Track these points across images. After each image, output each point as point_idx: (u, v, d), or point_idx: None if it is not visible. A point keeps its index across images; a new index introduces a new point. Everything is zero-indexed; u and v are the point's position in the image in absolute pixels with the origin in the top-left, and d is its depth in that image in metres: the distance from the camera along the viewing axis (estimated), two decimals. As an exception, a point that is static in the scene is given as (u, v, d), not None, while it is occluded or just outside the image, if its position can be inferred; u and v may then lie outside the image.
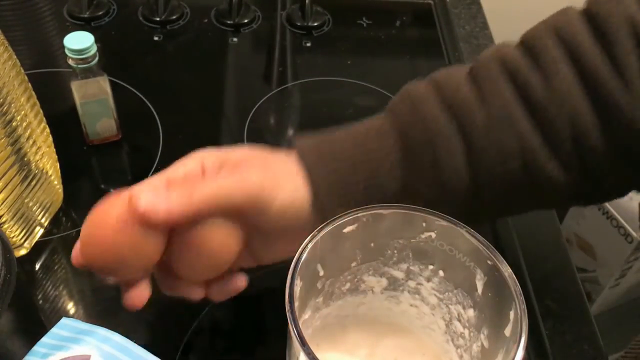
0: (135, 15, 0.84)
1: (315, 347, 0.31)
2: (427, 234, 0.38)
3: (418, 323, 0.43)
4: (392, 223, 0.38)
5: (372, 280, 0.42)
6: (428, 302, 0.42)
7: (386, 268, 0.41)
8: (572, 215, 1.33)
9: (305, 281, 0.36)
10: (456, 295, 0.40)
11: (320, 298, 0.41)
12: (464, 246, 0.37)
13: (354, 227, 0.37)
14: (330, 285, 0.41)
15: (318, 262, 0.38)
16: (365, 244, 0.40)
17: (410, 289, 0.42)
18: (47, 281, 0.55)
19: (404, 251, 0.40)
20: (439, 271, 0.40)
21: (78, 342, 0.44)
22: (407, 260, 0.40)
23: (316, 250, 0.36)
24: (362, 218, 0.37)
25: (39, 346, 0.45)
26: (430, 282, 0.41)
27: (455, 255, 0.38)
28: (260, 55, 0.83)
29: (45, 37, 0.82)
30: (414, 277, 0.41)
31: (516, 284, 0.33)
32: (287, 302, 0.32)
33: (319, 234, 0.36)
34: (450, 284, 0.40)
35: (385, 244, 0.40)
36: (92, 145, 0.66)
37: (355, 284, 0.42)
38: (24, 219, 0.54)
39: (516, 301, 0.32)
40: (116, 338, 0.45)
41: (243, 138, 0.69)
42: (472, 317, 0.39)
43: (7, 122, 0.48)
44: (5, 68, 0.47)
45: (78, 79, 0.60)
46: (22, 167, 0.51)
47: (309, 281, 0.37)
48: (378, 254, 0.41)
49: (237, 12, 0.84)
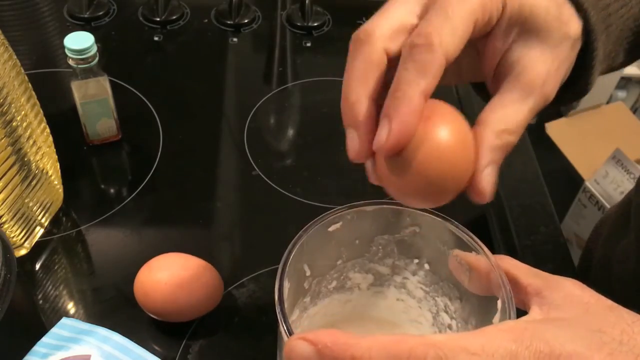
0: (135, 15, 0.84)
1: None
2: (411, 228, 0.38)
3: (405, 317, 0.43)
4: (376, 219, 0.39)
5: (358, 277, 0.42)
6: (414, 296, 0.42)
7: (372, 264, 0.42)
8: (572, 215, 1.33)
9: (292, 282, 0.36)
10: (442, 288, 0.40)
11: (307, 298, 0.41)
12: (449, 239, 0.37)
13: (339, 226, 0.38)
14: (317, 285, 0.41)
15: (305, 262, 0.38)
16: (350, 242, 0.40)
17: (397, 283, 0.42)
18: (47, 281, 0.55)
19: (389, 246, 0.40)
20: (425, 264, 0.40)
21: (78, 342, 0.45)
22: (392, 255, 0.41)
23: (303, 251, 0.36)
24: (346, 216, 0.37)
25: (39, 346, 0.45)
26: (416, 275, 0.41)
27: (440, 248, 0.38)
28: (260, 55, 0.83)
29: (45, 37, 0.82)
30: (400, 272, 0.41)
31: (502, 272, 0.33)
32: (277, 302, 0.32)
33: (305, 235, 0.36)
34: (436, 277, 0.40)
35: (370, 241, 0.40)
36: (92, 145, 0.66)
37: (342, 281, 0.42)
38: (24, 219, 0.54)
39: (503, 289, 0.32)
40: (116, 338, 0.45)
41: (243, 138, 0.69)
42: (459, 308, 0.39)
43: (7, 122, 0.48)
44: (6, 68, 0.47)
45: (78, 79, 0.60)
46: (22, 167, 0.51)
47: (296, 282, 0.38)
48: (363, 251, 0.41)
49: (237, 12, 0.84)
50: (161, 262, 0.50)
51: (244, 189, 0.65)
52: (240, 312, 0.54)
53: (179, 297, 0.48)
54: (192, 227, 0.61)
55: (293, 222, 0.50)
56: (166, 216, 0.62)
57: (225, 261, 0.58)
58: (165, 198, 0.63)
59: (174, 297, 0.48)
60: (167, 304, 0.49)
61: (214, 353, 0.51)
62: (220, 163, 0.67)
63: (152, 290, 0.48)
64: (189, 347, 0.51)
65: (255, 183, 0.65)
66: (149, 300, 0.49)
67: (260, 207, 0.63)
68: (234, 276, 0.55)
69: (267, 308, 0.54)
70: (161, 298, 0.48)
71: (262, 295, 0.54)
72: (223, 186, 0.65)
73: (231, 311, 0.53)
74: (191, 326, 0.52)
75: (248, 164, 0.67)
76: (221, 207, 0.63)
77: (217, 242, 0.60)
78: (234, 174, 0.67)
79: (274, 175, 0.66)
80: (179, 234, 0.61)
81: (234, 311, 0.54)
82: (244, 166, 0.66)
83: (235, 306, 0.54)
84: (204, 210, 0.62)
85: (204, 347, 0.51)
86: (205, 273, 0.50)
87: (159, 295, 0.48)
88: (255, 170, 0.66)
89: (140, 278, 0.49)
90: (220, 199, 0.63)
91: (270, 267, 0.56)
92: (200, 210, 0.62)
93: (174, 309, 0.49)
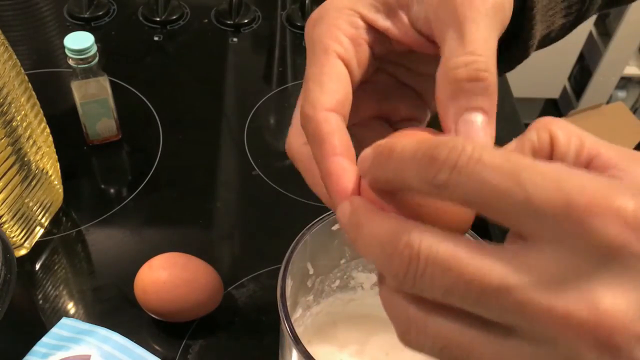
0: (135, 15, 0.84)
1: (307, 344, 0.31)
2: None
3: (408, 317, 0.43)
4: None
5: (361, 276, 0.42)
6: (417, 295, 0.42)
7: None
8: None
9: (295, 280, 0.36)
10: None
11: (310, 296, 0.41)
12: None
13: None
14: (320, 283, 0.41)
15: (308, 261, 0.38)
16: None
17: None
18: (47, 281, 0.55)
19: None
20: None
21: (78, 342, 0.45)
22: None
23: (306, 249, 0.36)
24: None
25: (39, 346, 0.45)
26: None
27: None
28: (260, 55, 0.83)
29: (45, 37, 0.82)
30: None
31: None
32: (279, 300, 0.32)
33: (308, 233, 0.36)
34: None
35: None
36: (92, 145, 0.66)
37: (345, 280, 0.42)
38: (24, 219, 0.54)
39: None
40: (116, 338, 0.45)
41: (243, 138, 0.69)
42: None
43: (7, 122, 0.48)
44: (6, 68, 0.47)
45: (78, 79, 0.60)
46: (22, 167, 0.51)
47: (299, 280, 0.38)
48: None
49: (237, 12, 0.84)
50: (161, 261, 0.50)
51: (244, 189, 0.65)
52: (240, 312, 0.54)
53: (179, 297, 0.48)
54: (192, 227, 0.61)
55: (293, 222, 0.50)
56: (166, 216, 0.62)
57: (225, 261, 0.58)
58: (165, 198, 0.63)
59: (174, 297, 0.48)
60: (167, 303, 0.49)
61: (214, 353, 0.51)
62: (220, 163, 0.67)
63: (152, 289, 0.49)
64: (189, 347, 0.51)
65: (255, 183, 0.65)
66: (149, 299, 0.49)
67: (260, 207, 0.63)
68: (234, 276, 0.55)
69: (267, 308, 0.54)
70: (161, 297, 0.48)
71: (262, 295, 0.54)
72: (223, 186, 0.65)
73: (231, 311, 0.53)
74: (191, 326, 0.52)
75: (248, 164, 0.67)
76: (221, 207, 0.63)
77: (217, 242, 0.60)
78: (234, 174, 0.67)
79: (274, 175, 0.66)
80: (179, 234, 0.61)
81: (234, 311, 0.54)
82: (244, 166, 0.66)
83: (235, 306, 0.54)
84: (204, 210, 0.62)
85: (204, 347, 0.51)
86: (205, 273, 0.50)
87: (159, 294, 0.48)
88: (255, 170, 0.66)
89: (140, 276, 0.49)
90: (220, 199, 0.63)
91: (270, 267, 0.56)
92: (200, 210, 0.62)
93: (174, 309, 0.49)
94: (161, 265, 0.49)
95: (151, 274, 0.49)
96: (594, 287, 0.18)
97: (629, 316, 0.18)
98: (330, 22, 0.29)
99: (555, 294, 0.18)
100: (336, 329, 0.43)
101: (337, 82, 0.28)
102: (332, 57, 0.28)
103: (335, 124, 0.27)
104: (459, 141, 0.19)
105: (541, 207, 0.18)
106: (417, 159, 0.20)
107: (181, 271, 0.49)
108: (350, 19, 0.29)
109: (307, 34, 0.29)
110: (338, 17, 0.29)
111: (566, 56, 1.81)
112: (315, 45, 0.28)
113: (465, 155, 0.19)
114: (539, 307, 0.18)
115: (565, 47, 1.75)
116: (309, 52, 0.29)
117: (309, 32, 0.29)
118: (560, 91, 1.96)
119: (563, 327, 0.18)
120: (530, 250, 0.19)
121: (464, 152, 0.19)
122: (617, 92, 1.98)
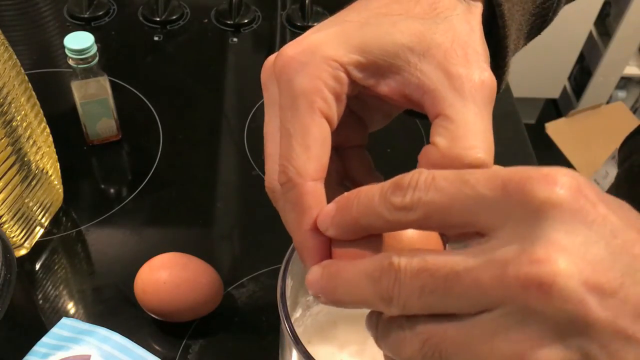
0: (135, 15, 0.84)
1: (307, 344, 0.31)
2: None
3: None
4: None
5: None
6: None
7: None
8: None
9: (295, 280, 0.36)
10: None
11: (310, 296, 0.41)
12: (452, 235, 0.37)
13: None
14: (321, 283, 0.41)
15: None
16: None
17: None
18: (47, 281, 0.55)
19: None
20: None
21: (78, 342, 0.45)
22: None
23: None
24: None
25: (39, 346, 0.45)
26: None
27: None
28: (260, 55, 0.83)
29: (45, 37, 0.82)
30: None
31: None
32: (279, 300, 0.32)
33: None
34: None
35: None
36: (92, 145, 0.66)
37: (345, 280, 0.42)
38: (24, 219, 0.54)
39: None
40: (116, 338, 0.45)
41: (243, 138, 0.69)
42: None
43: (7, 122, 0.48)
44: (6, 68, 0.48)
45: (78, 79, 0.60)
46: (22, 167, 0.51)
47: (299, 280, 0.38)
48: None
49: (237, 12, 0.84)
50: (162, 261, 0.50)
51: (244, 189, 0.65)
52: (240, 312, 0.54)
53: (178, 297, 0.48)
54: (192, 227, 0.61)
55: (293, 222, 0.50)
56: (166, 216, 0.62)
57: (225, 261, 0.58)
58: (165, 198, 0.63)
59: (174, 297, 0.48)
60: (167, 303, 0.49)
61: (214, 353, 0.51)
62: (220, 163, 0.67)
63: (152, 289, 0.49)
64: (189, 347, 0.51)
65: (255, 183, 0.65)
66: (148, 299, 0.49)
67: (260, 207, 0.63)
68: (234, 276, 0.55)
69: (267, 308, 0.54)
70: (161, 297, 0.48)
71: (262, 296, 0.54)
72: (223, 186, 0.65)
73: (231, 311, 0.53)
74: (191, 326, 0.52)
75: (248, 164, 0.67)
76: (221, 207, 0.63)
77: (217, 242, 0.60)
78: (234, 174, 0.67)
79: (274, 175, 0.65)
80: (179, 234, 0.61)
81: (234, 311, 0.54)
82: (244, 166, 0.66)
83: (235, 306, 0.54)
84: (204, 210, 0.62)
85: (204, 347, 0.51)
86: (206, 273, 0.50)
87: (159, 294, 0.48)
88: (255, 170, 0.66)
89: (140, 276, 0.49)
90: (220, 199, 0.63)
91: (270, 267, 0.56)
92: (200, 210, 0.62)
93: (174, 309, 0.49)
94: (161, 265, 0.49)
95: (151, 274, 0.49)
96: (530, 244, 0.21)
97: (564, 261, 0.20)
98: (315, 73, 0.28)
99: (503, 264, 0.21)
100: (336, 329, 0.43)
101: (323, 147, 0.28)
102: (318, 117, 0.28)
103: (320, 196, 0.28)
104: (415, 170, 0.24)
105: (487, 194, 0.22)
106: (385, 189, 0.24)
107: (181, 271, 0.49)
108: (335, 74, 0.28)
109: (285, 75, 0.28)
110: (324, 69, 0.28)
111: (566, 56, 1.81)
112: (298, 97, 0.28)
113: (422, 176, 0.23)
114: (490, 278, 0.21)
115: (565, 47, 1.75)
116: (288, 100, 0.28)
117: (288, 74, 0.28)
118: (560, 91, 1.96)
119: (510, 286, 0.21)
120: (490, 240, 0.22)
121: (422, 175, 0.23)
122: (617, 92, 1.98)
